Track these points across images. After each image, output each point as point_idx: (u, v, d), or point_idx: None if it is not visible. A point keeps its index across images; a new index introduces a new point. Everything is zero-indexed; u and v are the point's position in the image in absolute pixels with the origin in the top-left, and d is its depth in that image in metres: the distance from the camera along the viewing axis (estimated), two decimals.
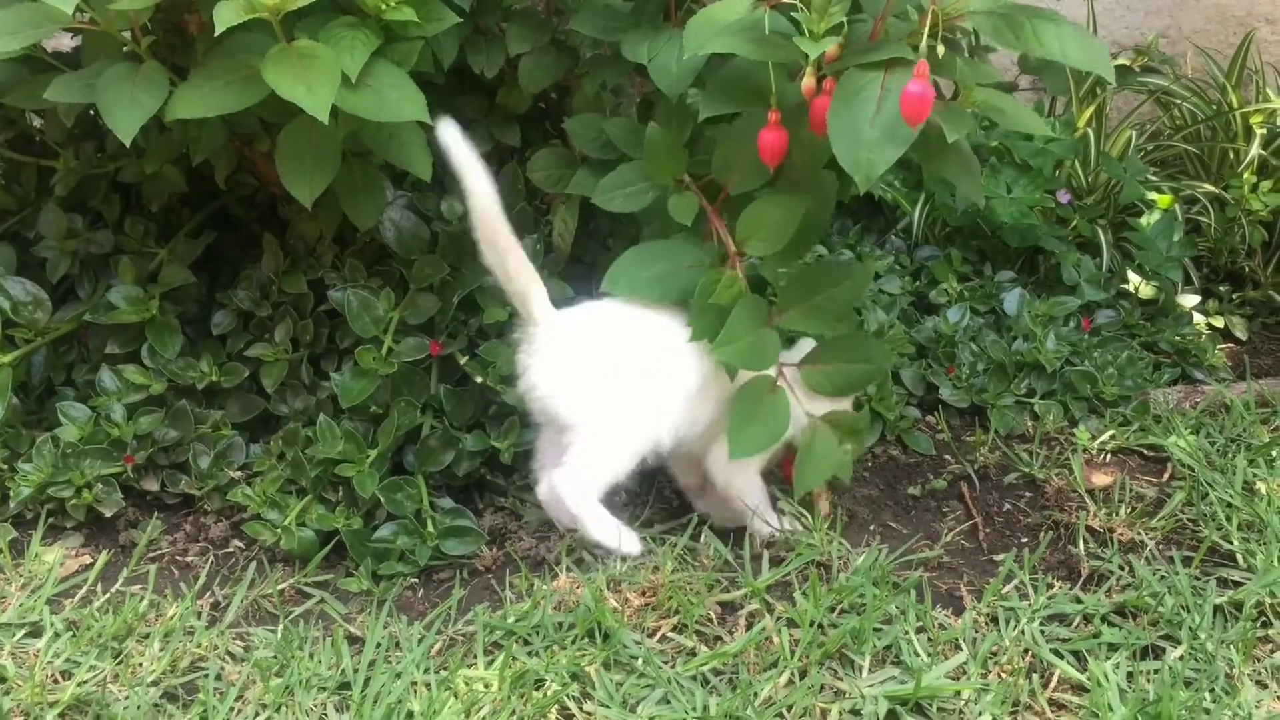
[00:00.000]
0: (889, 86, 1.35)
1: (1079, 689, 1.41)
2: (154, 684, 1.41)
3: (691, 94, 1.67)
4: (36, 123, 1.96)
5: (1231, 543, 1.67)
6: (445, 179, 1.92)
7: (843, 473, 1.64)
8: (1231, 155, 2.56)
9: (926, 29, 1.33)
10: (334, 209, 1.75)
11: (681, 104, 1.64)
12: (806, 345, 1.66)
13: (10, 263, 1.86)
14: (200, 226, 1.93)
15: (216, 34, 1.38)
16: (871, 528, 1.74)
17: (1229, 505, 1.74)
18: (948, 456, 1.93)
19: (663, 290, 1.58)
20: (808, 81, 1.43)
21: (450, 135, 1.47)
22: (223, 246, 1.93)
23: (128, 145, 1.49)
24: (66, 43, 1.89)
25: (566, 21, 1.80)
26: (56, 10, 1.42)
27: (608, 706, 1.37)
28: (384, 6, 1.51)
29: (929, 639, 1.48)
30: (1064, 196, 2.39)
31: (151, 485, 1.75)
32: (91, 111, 1.82)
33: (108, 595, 1.58)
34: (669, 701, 1.38)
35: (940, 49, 1.33)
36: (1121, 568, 1.62)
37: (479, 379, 1.76)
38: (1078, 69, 1.97)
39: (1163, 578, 1.59)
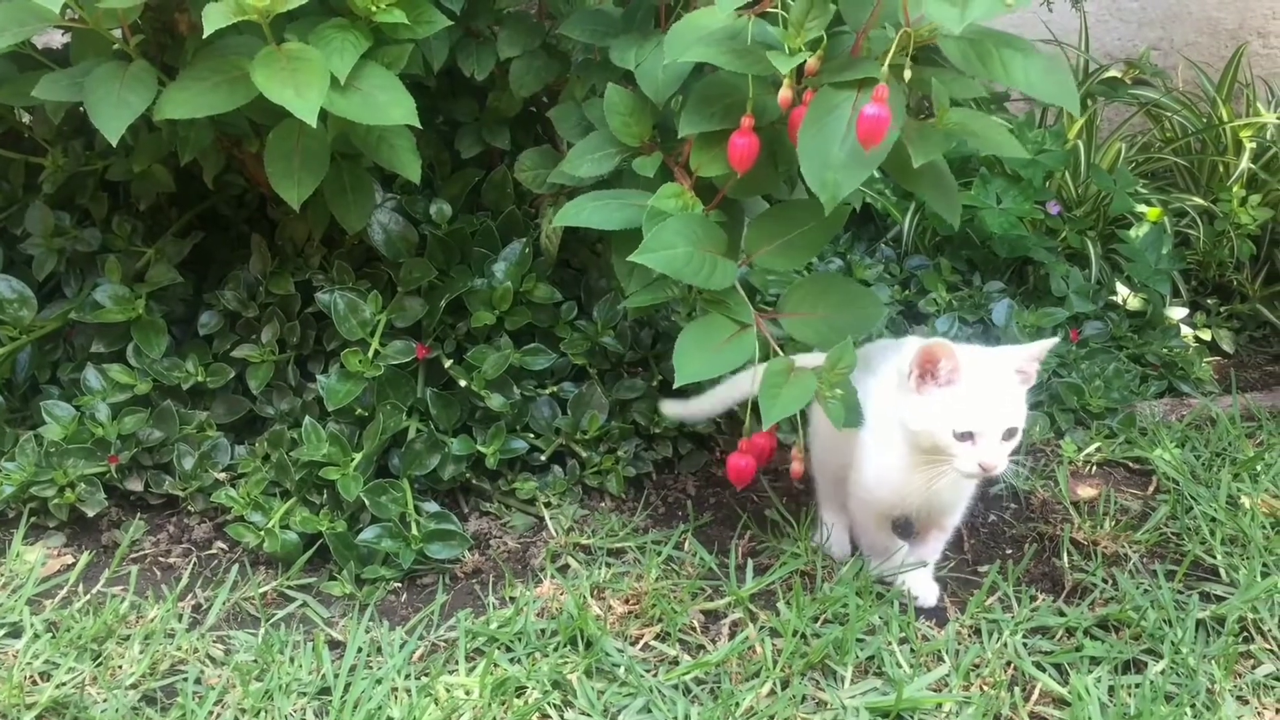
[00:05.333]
0: (860, 106, 1.34)
1: (1060, 702, 1.41)
2: (133, 687, 1.40)
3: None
4: (25, 119, 1.96)
5: (1215, 557, 1.67)
6: (435, 182, 1.94)
7: (835, 419, 1.46)
8: (1221, 169, 2.57)
9: (893, 50, 1.32)
10: (322, 211, 1.74)
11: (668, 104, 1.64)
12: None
13: None
14: (188, 226, 1.92)
15: (206, 35, 1.38)
16: None
17: (1213, 519, 1.75)
18: None
19: (603, 217, 1.56)
20: (784, 93, 1.42)
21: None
22: (210, 246, 1.92)
23: (115, 144, 1.48)
24: (58, 39, 1.88)
25: (558, 26, 1.80)
26: (44, 9, 1.40)
27: (589, 715, 1.37)
28: (374, 9, 1.51)
29: (911, 650, 1.48)
30: (1054, 208, 2.40)
31: (135, 485, 1.74)
32: (80, 109, 1.81)
33: (89, 596, 1.57)
34: (650, 711, 1.38)
35: (907, 72, 1.32)
36: (1105, 581, 1.62)
37: (464, 383, 1.76)
38: (1043, 101, 1.94)
39: (1146, 591, 1.59)
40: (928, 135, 1.39)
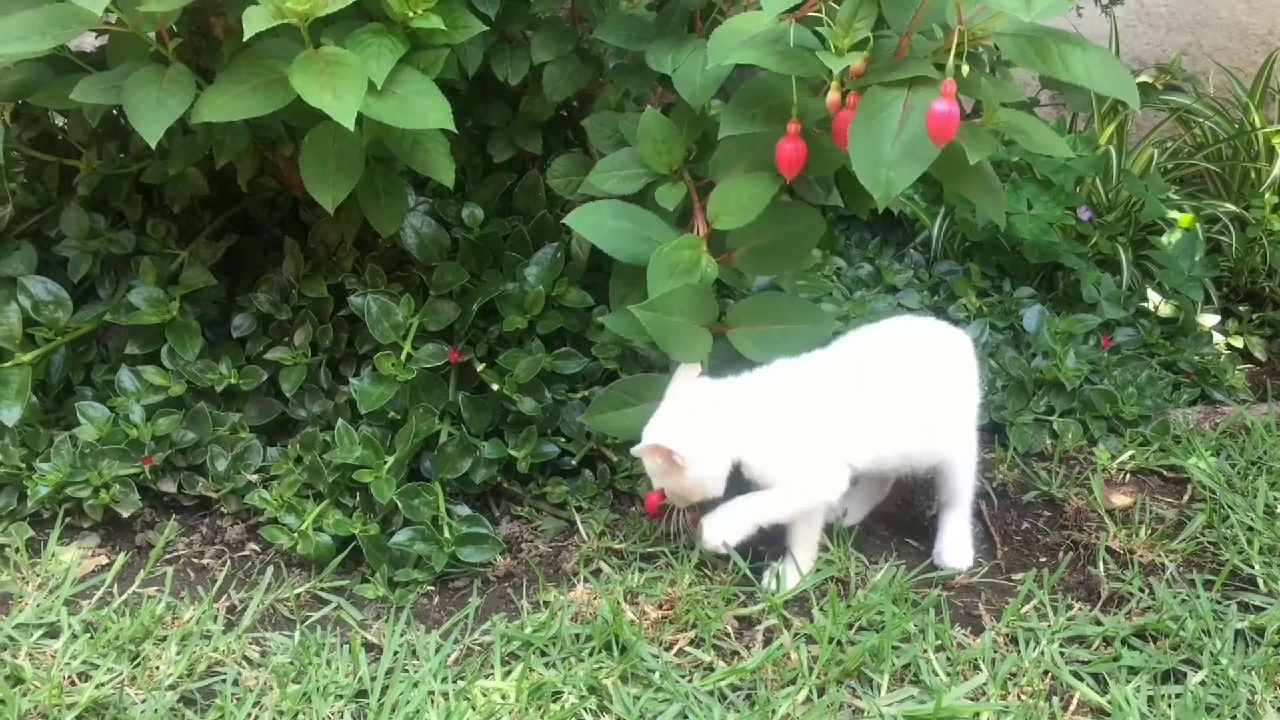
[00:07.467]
0: (912, 104, 1.35)
1: (1099, 712, 1.40)
2: (171, 688, 1.41)
3: (714, 105, 1.67)
4: (60, 122, 1.97)
5: (1253, 567, 1.66)
6: (467, 186, 1.94)
7: None
8: (1253, 175, 2.55)
9: (954, 48, 1.32)
10: (355, 214, 1.75)
11: (703, 112, 1.64)
12: None
13: (32, 262, 1.86)
14: (222, 229, 1.93)
15: (246, 38, 1.38)
16: (890, 544, 1.73)
17: (1250, 529, 1.73)
18: None
19: (615, 244, 1.59)
20: (833, 95, 1.43)
21: None
22: (244, 249, 1.93)
23: (153, 148, 1.49)
24: (90, 41, 1.89)
25: (591, 30, 1.80)
26: (85, 11, 1.41)
27: None
28: (411, 14, 1.51)
29: (948, 659, 1.47)
30: (1085, 213, 2.38)
31: (169, 487, 1.74)
32: (115, 112, 1.82)
33: (124, 597, 1.58)
34: (687, 717, 1.37)
35: (965, 68, 1.33)
36: (1142, 590, 1.61)
37: (496, 387, 1.76)
38: (1102, 94, 1.95)
39: (1183, 601, 1.58)
40: (979, 134, 1.39)
